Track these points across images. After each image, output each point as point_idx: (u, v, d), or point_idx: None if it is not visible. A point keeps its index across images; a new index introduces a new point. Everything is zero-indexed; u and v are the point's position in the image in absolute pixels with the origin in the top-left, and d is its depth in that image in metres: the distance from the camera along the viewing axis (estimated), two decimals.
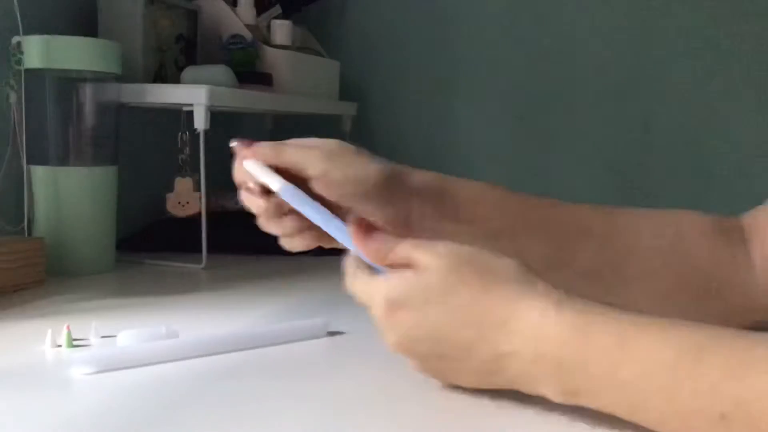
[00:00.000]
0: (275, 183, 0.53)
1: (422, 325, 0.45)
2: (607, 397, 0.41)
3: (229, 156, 0.57)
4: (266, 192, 0.54)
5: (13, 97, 0.86)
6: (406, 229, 0.55)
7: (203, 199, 0.96)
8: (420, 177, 0.58)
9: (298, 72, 1.17)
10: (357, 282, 0.48)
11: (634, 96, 1.26)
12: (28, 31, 0.86)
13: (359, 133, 1.37)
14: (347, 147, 0.56)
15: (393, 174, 0.56)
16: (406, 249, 0.47)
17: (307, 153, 0.54)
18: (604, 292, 0.55)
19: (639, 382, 0.40)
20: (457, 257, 0.45)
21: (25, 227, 0.88)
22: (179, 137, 0.98)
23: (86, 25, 1.01)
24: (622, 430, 0.42)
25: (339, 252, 0.52)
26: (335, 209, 0.53)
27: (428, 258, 0.45)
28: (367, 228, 0.49)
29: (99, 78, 0.90)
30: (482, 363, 0.44)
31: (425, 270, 0.45)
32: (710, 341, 0.39)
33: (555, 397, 0.43)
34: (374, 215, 0.54)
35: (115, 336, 0.60)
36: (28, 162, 0.88)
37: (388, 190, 0.55)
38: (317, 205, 0.52)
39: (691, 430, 0.39)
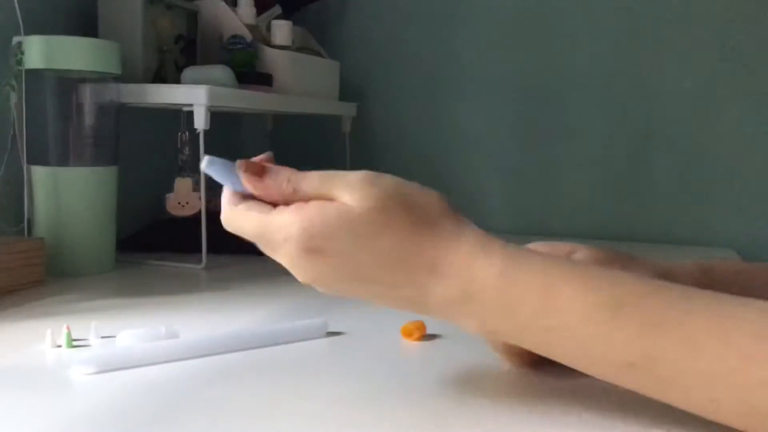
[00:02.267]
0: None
1: (345, 268, 0.43)
2: (526, 339, 0.44)
3: (229, 156, 0.57)
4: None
5: (13, 97, 0.86)
6: None
7: (203, 199, 0.96)
8: (649, 267, 0.55)
9: (298, 72, 1.17)
10: (248, 214, 0.44)
11: (635, 97, 1.26)
12: (28, 31, 0.86)
13: (359, 133, 1.37)
14: (622, 256, 0.55)
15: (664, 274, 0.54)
16: (315, 183, 0.44)
17: None
18: None
19: (557, 330, 0.41)
20: (384, 194, 0.43)
21: (25, 227, 0.88)
22: (179, 137, 0.98)
23: (86, 25, 1.02)
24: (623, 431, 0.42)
25: None
26: None
27: (350, 195, 0.43)
28: (259, 167, 0.45)
29: (99, 78, 0.90)
30: (406, 299, 0.44)
31: (348, 209, 0.42)
32: (628, 299, 0.41)
33: (475, 331, 0.45)
34: None
35: (114, 336, 0.60)
36: (28, 162, 0.88)
37: None
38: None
39: (599, 372, 0.42)
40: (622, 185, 1.28)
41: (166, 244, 1.03)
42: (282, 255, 0.44)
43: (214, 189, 1.01)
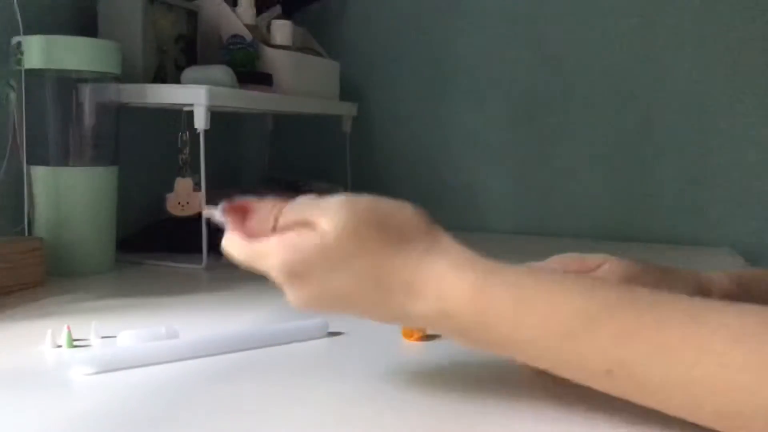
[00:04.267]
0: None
1: (327, 291, 0.45)
2: (505, 350, 0.44)
3: (229, 156, 0.57)
4: None
5: (13, 97, 0.86)
6: None
7: (203, 199, 0.96)
8: (719, 282, 0.58)
9: (298, 72, 1.17)
10: (238, 241, 0.46)
11: (635, 96, 1.26)
12: (28, 31, 0.86)
13: (359, 133, 1.37)
14: (651, 268, 0.56)
15: (697, 285, 0.56)
16: (296, 211, 0.46)
17: None
18: None
19: (532, 343, 0.43)
20: (354, 217, 0.44)
21: (25, 227, 0.88)
22: (179, 137, 0.98)
23: (86, 25, 1.01)
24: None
25: None
26: None
27: (324, 220, 0.44)
28: (241, 208, 0.47)
29: (99, 78, 0.90)
30: (391, 316, 0.46)
31: (323, 234, 0.44)
32: (600, 309, 0.41)
33: (460, 344, 0.46)
34: None
35: (115, 336, 0.60)
36: (28, 162, 0.88)
37: None
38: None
39: (580, 379, 0.43)
40: (622, 185, 1.28)
41: (166, 244, 1.03)
42: (272, 279, 0.46)
43: (214, 189, 1.02)
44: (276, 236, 0.45)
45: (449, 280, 0.43)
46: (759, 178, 1.20)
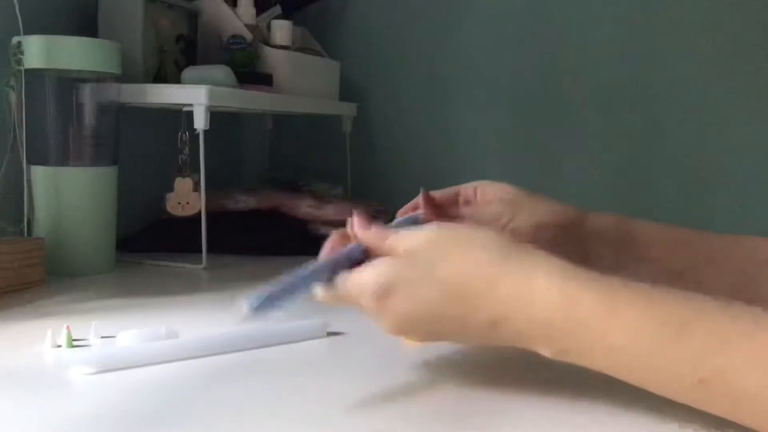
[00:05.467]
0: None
1: (414, 306, 0.46)
2: (594, 359, 0.43)
3: (229, 156, 0.57)
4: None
5: (13, 97, 0.86)
6: None
7: (203, 199, 0.96)
8: (598, 220, 0.59)
9: (298, 72, 1.17)
10: (345, 282, 0.48)
11: (637, 96, 1.26)
12: (28, 31, 0.86)
13: (359, 133, 1.37)
14: (522, 192, 0.58)
15: (572, 217, 0.58)
16: (397, 237, 0.48)
17: (488, 209, 0.58)
18: None
19: (624, 349, 0.41)
20: (437, 234, 0.46)
21: (25, 227, 0.88)
22: (179, 137, 0.98)
23: (86, 25, 1.01)
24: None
25: None
26: None
27: (411, 241, 0.47)
28: (367, 218, 0.50)
29: (99, 78, 0.90)
30: (478, 330, 0.45)
31: (410, 252, 0.46)
32: (694, 315, 0.41)
33: (548, 355, 0.45)
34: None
35: (114, 336, 0.60)
36: (28, 162, 0.88)
37: (566, 232, 0.57)
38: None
39: (670, 391, 0.42)
40: (622, 185, 1.28)
41: (166, 244, 1.03)
42: (367, 312, 0.48)
43: (214, 189, 1.02)
44: (364, 269, 0.47)
45: (537, 285, 0.43)
46: (759, 178, 1.20)
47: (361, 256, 0.49)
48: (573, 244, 0.57)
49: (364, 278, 0.47)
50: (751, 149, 1.20)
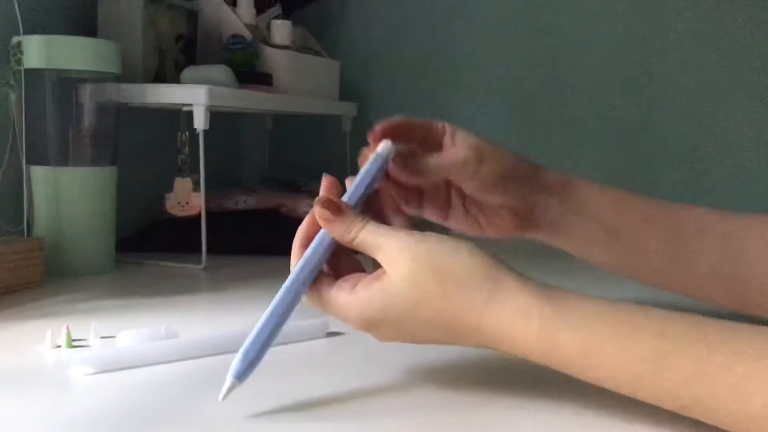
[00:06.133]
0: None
1: (401, 335, 0.48)
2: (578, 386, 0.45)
3: (229, 156, 0.57)
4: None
5: (13, 97, 0.86)
6: (528, 220, 0.59)
7: (203, 199, 0.96)
8: (549, 175, 0.61)
9: (298, 72, 1.17)
10: (325, 302, 0.49)
11: (636, 96, 1.26)
12: (28, 31, 0.86)
13: (359, 133, 1.37)
14: (486, 142, 0.60)
15: (529, 169, 0.60)
16: (370, 240, 0.48)
17: (458, 155, 0.59)
18: (724, 291, 0.59)
19: (604, 382, 0.43)
20: (413, 264, 0.46)
21: (25, 227, 0.88)
22: (179, 137, 0.98)
23: (86, 25, 1.01)
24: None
25: None
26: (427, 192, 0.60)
27: (387, 268, 0.47)
28: (336, 207, 0.49)
29: (99, 78, 0.90)
30: (473, 346, 0.48)
31: (388, 285, 0.46)
32: (671, 348, 0.41)
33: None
34: (500, 205, 0.59)
35: (114, 336, 0.60)
36: (28, 162, 0.88)
37: (522, 184, 0.59)
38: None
39: (655, 410, 0.42)
40: (622, 184, 1.27)
41: (166, 244, 1.03)
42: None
43: (213, 189, 1.02)
44: (348, 292, 0.48)
45: (516, 327, 0.44)
46: (760, 178, 1.20)
47: (334, 247, 0.50)
48: (526, 195, 0.59)
49: (347, 311, 0.48)
50: (751, 149, 1.20)
